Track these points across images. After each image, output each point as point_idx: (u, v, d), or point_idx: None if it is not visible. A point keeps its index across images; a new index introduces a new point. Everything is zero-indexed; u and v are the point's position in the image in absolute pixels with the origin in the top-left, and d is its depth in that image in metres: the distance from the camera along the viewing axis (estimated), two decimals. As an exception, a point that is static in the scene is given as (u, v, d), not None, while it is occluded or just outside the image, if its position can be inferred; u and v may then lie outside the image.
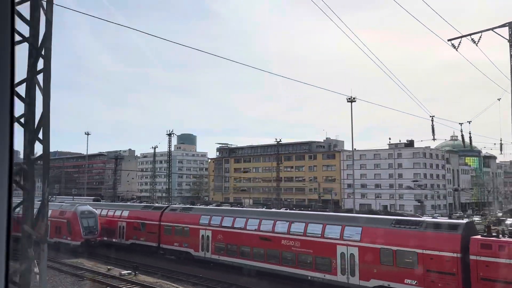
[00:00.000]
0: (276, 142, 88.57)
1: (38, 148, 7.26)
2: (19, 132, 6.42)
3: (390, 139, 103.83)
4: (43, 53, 6.91)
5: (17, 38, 6.43)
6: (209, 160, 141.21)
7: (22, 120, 6.86)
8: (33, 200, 7.07)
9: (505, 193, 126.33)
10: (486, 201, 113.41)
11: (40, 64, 6.98)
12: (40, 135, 7.10)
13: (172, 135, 68.99)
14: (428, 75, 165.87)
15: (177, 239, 29.84)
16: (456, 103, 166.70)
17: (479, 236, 17.76)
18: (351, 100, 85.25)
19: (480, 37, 20.39)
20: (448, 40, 21.51)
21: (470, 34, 20.72)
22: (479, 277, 16.65)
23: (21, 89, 6.84)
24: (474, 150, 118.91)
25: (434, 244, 17.57)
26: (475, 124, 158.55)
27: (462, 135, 27.17)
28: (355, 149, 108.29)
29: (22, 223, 7.22)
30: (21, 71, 6.86)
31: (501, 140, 43.02)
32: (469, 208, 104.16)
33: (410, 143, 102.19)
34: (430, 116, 25.69)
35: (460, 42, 20.67)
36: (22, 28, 6.77)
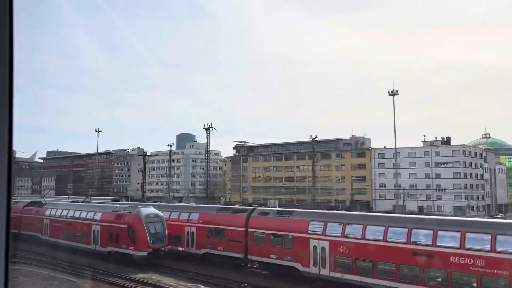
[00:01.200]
0: (311, 139, 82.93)
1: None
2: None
3: (424, 136, 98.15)
4: None
5: None
6: (225, 158, 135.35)
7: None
8: None
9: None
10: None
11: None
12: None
13: (210, 128, 62.73)
14: (422, 75, 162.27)
15: (274, 250, 24.09)
16: (450, 103, 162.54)
17: None
18: (393, 93, 79.48)
19: None
20: None
21: None
22: None
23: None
24: (511, 148, 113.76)
25: None
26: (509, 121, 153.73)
27: None
28: (385, 146, 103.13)
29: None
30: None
31: None
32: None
33: (446, 141, 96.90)
34: None
35: None
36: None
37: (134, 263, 27.11)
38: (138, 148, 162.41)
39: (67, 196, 66.30)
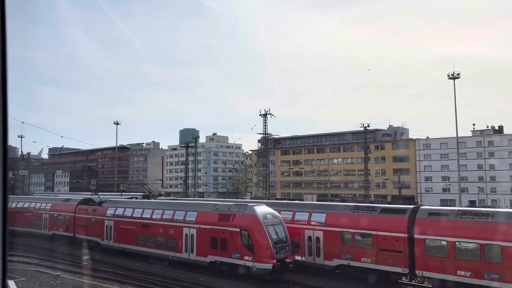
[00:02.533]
0: (363, 128, 76.15)
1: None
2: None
3: (474, 125, 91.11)
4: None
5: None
6: (248, 152, 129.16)
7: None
8: None
9: None
10: None
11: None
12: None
13: (268, 114, 55.93)
14: (422, 69, 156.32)
15: (466, 264, 17.51)
16: (451, 97, 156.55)
17: None
18: (454, 77, 72.33)
19: None
20: None
21: None
22: None
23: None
24: None
25: None
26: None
27: None
28: (428, 137, 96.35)
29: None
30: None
31: None
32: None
33: (499, 130, 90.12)
34: None
35: None
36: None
37: (252, 279, 20.64)
38: (153, 142, 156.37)
39: (91, 192, 60.70)
